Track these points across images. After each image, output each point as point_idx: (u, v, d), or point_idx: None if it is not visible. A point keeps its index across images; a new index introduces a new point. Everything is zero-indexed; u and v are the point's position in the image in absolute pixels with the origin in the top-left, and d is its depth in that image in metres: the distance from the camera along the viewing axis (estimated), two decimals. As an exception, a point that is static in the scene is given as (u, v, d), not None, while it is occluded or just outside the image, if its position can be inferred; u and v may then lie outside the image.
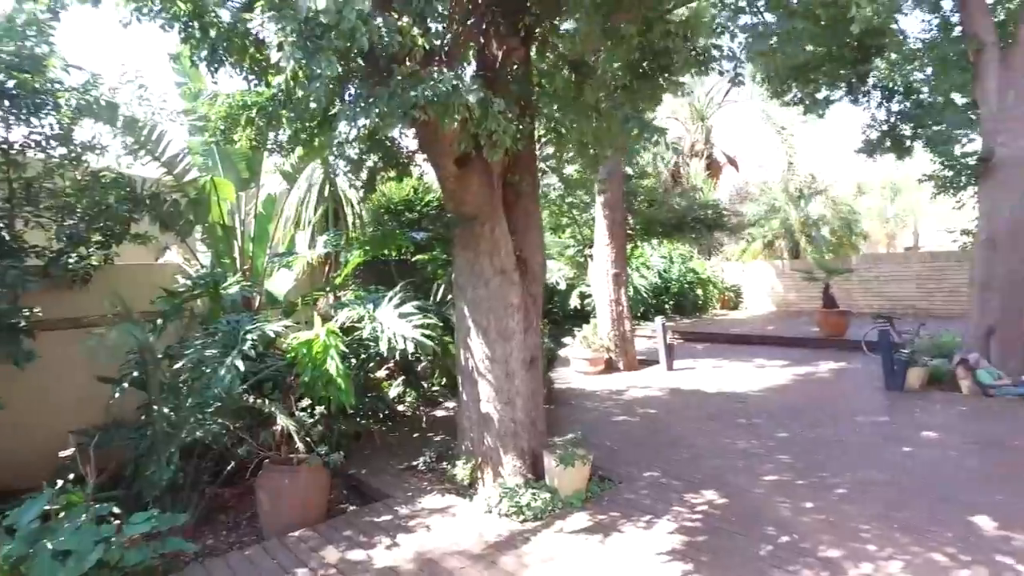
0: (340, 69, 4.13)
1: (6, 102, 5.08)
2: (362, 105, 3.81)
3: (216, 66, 4.15)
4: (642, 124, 4.00)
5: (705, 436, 6.58)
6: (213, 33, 3.94)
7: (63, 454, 4.59)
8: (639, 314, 16.48)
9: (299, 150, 5.88)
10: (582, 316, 13.32)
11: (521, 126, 4.34)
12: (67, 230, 5.47)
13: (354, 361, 6.13)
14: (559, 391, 9.15)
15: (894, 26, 10.87)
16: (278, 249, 7.85)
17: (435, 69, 3.64)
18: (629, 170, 13.41)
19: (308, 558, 4.12)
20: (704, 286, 20.11)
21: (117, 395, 4.92)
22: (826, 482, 5.06)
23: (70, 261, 5.52)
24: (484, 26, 4.77)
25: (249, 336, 4.67)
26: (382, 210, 9.22)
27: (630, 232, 13.64)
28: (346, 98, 4.62)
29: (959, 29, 9.76)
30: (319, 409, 5.17)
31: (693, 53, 4.57)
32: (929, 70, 11.07)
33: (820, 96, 11.71)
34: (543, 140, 5.87)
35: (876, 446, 6.02)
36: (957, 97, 11.16)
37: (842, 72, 11.15)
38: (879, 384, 8.62)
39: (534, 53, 5.15)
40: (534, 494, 4.73)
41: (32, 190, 5.43)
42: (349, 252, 6.28)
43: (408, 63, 3.84)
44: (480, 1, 4.58)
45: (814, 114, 11.82)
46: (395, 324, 4.83)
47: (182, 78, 6.62)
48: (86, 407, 5.20)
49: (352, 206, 9.43)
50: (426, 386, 8.42)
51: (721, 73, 5.35)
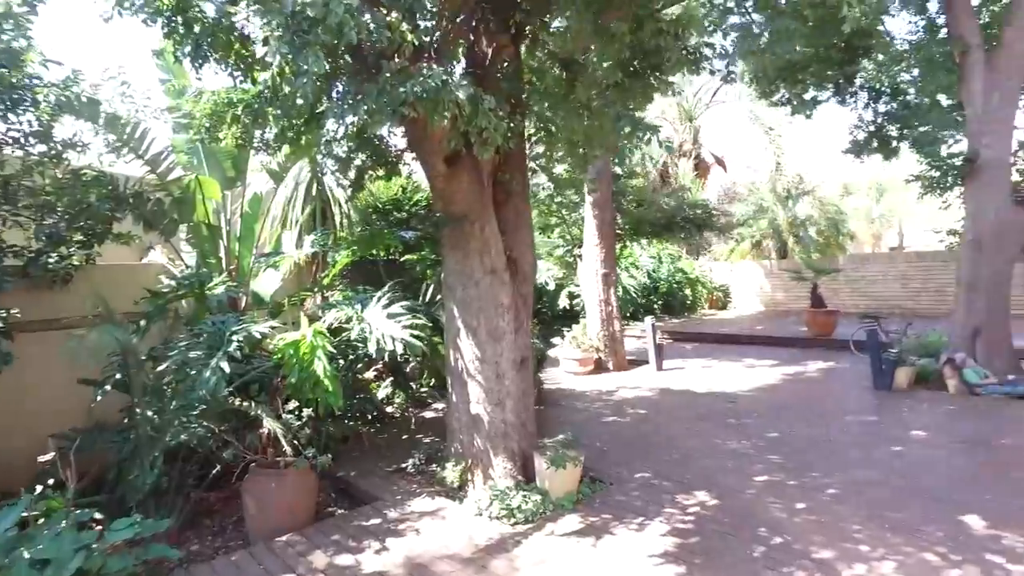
0: (327, 66, 4.07)
1: (-19, 97, 4.96)
2: (350, 102, 3.75)
3: (200, 62, 4.05)
4: (635, 122, 3.97)
5: (695, 436, 6.57)
6: (197, 28, 3.86)
7: (42, 459, 4.48)
8: (628, 314, 16.49)
9: (286, 148, 5.82)
10: (571, 316, 13.29)
11: (512, 124, 4.29)
12: (47, 229, 5.35)
13: (342, 362, 6.06)
14: (549, 391, 9.13)
15: (881, 27, 10.97)
16: (265, 249, 7.75)
17: (424, 66, 3.58)
18: (618, 170, 13.40)
19: (296, 563, 4.06)
20: (693, 286, 20.19)
21: (99, 398, 4.82)
22: (817, 482, 5.05)
23: (50, 261, 5.41)
24: (474, 23, 4.72)
25: (235, 337, 4.59)
26: (370, 210, 9.13)
27: (619, 232, 13.64)
28: (334, 95, 4.56)
29: (945, 31, 9.83)
30: (306, 411, 5.10)
31: (684, 52, 4.54)
32: (915, 71, 11.14)
33: (808, 96, 11.74)
34: (533, 139, 5.82)
35: (866, 446, 6.03)
36: (943, 98, 11.23)
37: (829, 73, 11.19)
38: (867, 384, 8.66)
39: (524, 51, 5.10)
40: (525, 496, 4.68)
41: (10, 188, 5.29)
42: (337, 252, 6.19)
43: (397, 60, 3.78)
44: (470, -3, 4.53)
45: (802, 114, 11.84)
46: (383, 325, 4.76)
47: (166, 75, 6.50)
48: (67, 410, 5.10)
49: (340, 205, 9.32)
50: (415, 387, 8.35)
51: (712, 72, 5.33)
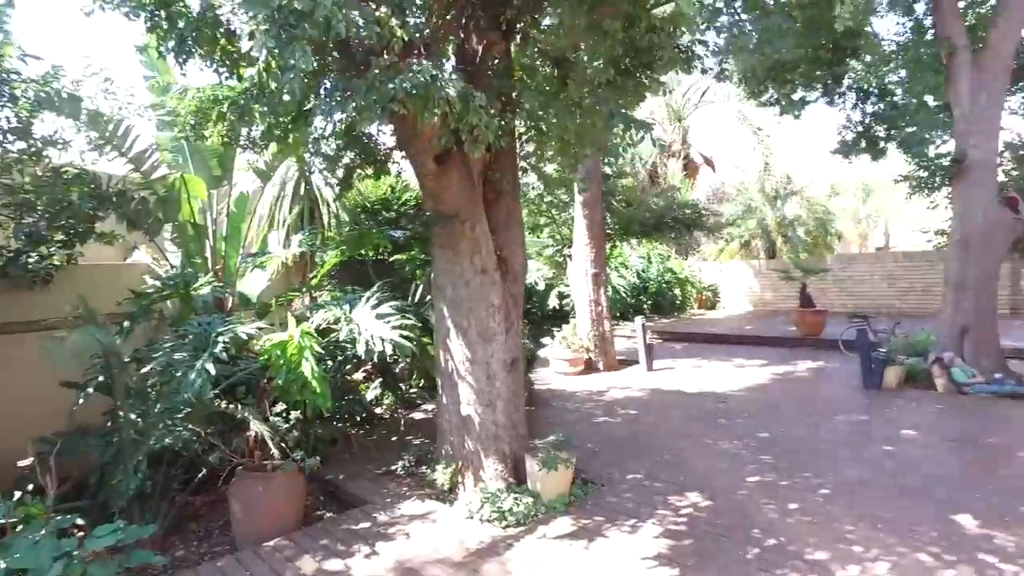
0: (315, 62, 4.01)
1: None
2: (338, 99, 3.68)
3: (184, 57, 3.96)
4: (628, 120, 3.93)
5: (687, 437, 6.54)
6: (181, 23, 3.77)
7: (22, 463, 4.37)
8: (618, 314, 16.48)
9: (273, 147, 5.72)
10: (561, 316, 13.24)
11: (503, 122, 4.23)
12: (26, 228, 5.22)
13: (330, 363, 5.98)
14: (539, 392, 9.09)
15: (868, 28, 11.03)
16: (251, 249, 7.65)
17: (414, 62, 3.51)
18: (608, 169, 13.39)
19: (283, 568, 3.98)
20: (682, 286, 20.24)
21: (81, 401, 4.71)
22: (810, 482, 5.04)
23: (30, 261, 5.28)
24: (464, 20, 4.66)
25: (221, 338, 4.50)
26: (359, 209, 9.04)
27: (609, 232, 13.62)
28: (321, 92, 4.49)
29: (932, 32, 9.90)
30: (294, 413, 5.02)
31: (676, 50, 4.50)
32: (903, 72, 11.22)
33: (796, 97, 11.78)
34: (524, 138, 5.77)
35: (857, 445, 6.03)
36: (930, 99, 11.32)
37: (818, 73, 11.23)
38: (857, 383, 8.69)
39: (515, 48, 5.05)
40: (516, 499, 4.63)
41: (-11, 186, 5.19)
42: (325, 252, 6.11)
43: (386, 56, 3.71)
44: (460, -7, 4.47)
45: (790, 114, 11.88)
46: (372, 325, 4.70)
47: (150, 71, 6.38)
48: (48, 413, 4.96)
49: (328, 205, 9.22)
50: (404, 388, 8.27)
51: (704, 71, 5.30)
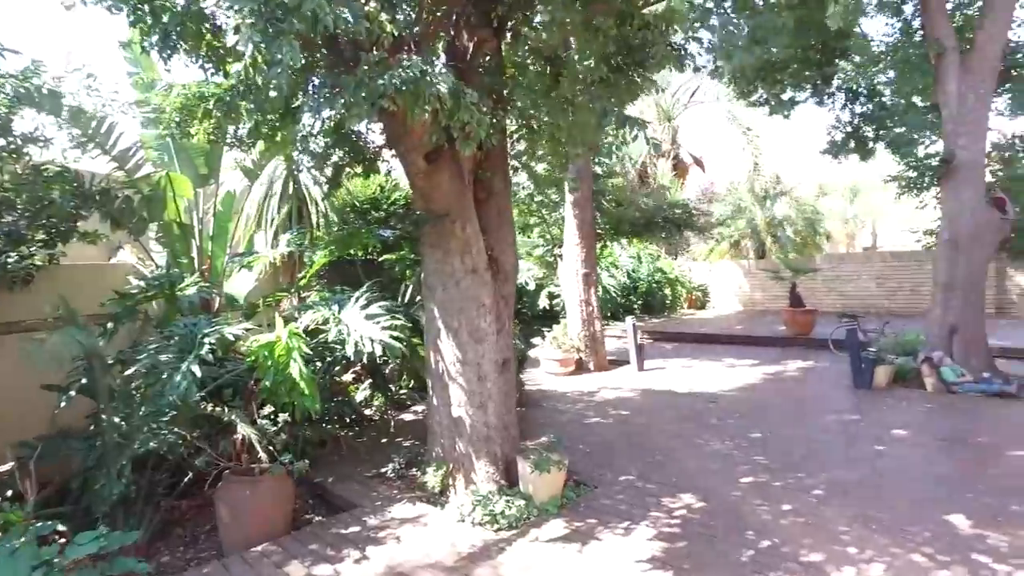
0: (303, 58, 3.93)
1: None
2: (326, 95, 3.61)
3: (169, 53, 3.86)
4: (622, 118, 3.89)
5: (679, 437, 6.51)
6: (166, 17, 3.68)
7: (0, 469, 4.26)
8: (608, 314, 16.46)
9: (260, 145, 5.63)
10: (551, 316, 13.23)
11: (495, 119, 4.17)
12: (5, 227, 5.10)
13: (319, 364, 5.89)
14: (530, 392, 9.04)
15: (857, 29, 11.07)
16: (239, 249, 7.54)
17: (404, 58, 3.45)
18: (598, 169, 13.36)
19: (271, 574, 3.90)
20: (672, 286, 20.27)
21: (63, 404, 4.60)
22: (802, 483, 5.02)
23: (9, 261, 5.17)
24: (454, 16, 4.60)
25: (207, 340, 4.42)
26: (348, 208, 8.95)
27: (599, 232, 13.59)
28: (310, 89, 4.41)
29: (920, 33, 9.95)
30: (282, 416, 4.93)
31: (669, 48, 4.46)
32: (891, 73, 11.27)
33: (785, 97, 11.83)
34: (515, 136, 5.72)
35: (849, 445, 6.03)
36: (918, 100, 11.39)
37: (807, 74, 11.28)
38: (847, 382, 8.71)
39: (506, 46, 4.99)
40: (508, 501, 4.57)
41: (-35, 185, 5.07)
42: (313, 252, 6.03)
43: (375, 52, 3.64)
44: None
45: (780, 114, 11.94)
46: (362, 326, 4.63)
47: (134, 67, 6.27)
48: (29, 417, 4.85)
49: (316, 204, 9.13)
50: (394, 389, 8.19)
51: (696, 69, 5.26)
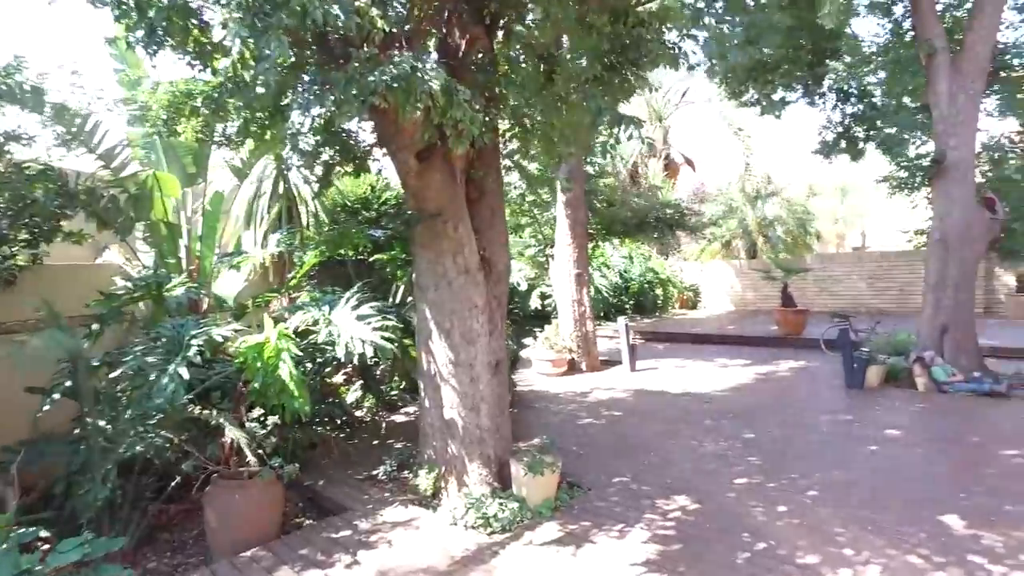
0: (293, 55, 3.86)
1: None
2: (316, 92, 3.54)
3: (155, 49, 3.76)
4: (617, 116, 3.85)
5: (672, 438, 6.48)
6: (151, 12, 3.60)
7: (-19, 474, 4.16)
8: (600, 314, 16.44)
9: (249, 143, 5.55)
10: (543, 317, 13.18)
11: (487, 117, 4.12)
12: (-14, 227, 5.01)
13: (309, 366, 5.80)
14: (522, 393, 8.99)
15: (848, 30, 11.11)
16: (228, 249, 7.44)
17: (395, 54, 3.39)
18: (590, 169, 13.33)
19: (260, 580, 3.83)
20: (664, 286, 20.28)
21: (47, 407, 4.50)
22: (797, 484, 5.00)
23: (-9, 261, 5.07)
24: (446, 13, 4.54)
25: (194, 341, 4.32)
26: (338, 208, 8.87)
27: (591, 232, 13.55)
28: (299, 87, 4.33)
29: (911, 34, 9.98)
30: (272, 418, 4.85)
31: (663, 46, 4.42)
32: (882, 73, 11.32)
33: (777, 97, 11.85)
34: (507, 135, 5.66)
35: (843, 445, 6.02)
36: (908, 101, 11.43)
37: (799, 74, 11.31)
38: (839, 382, 8.72)
39: (499, 44, 4.93)
40: (501, 504, 4.52)
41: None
42: (304, 252, 5.95)
43: (366, 48, 3.58)
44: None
45: (771, 114, 11.96)
46: (352, 327, 4.55)
47: (120, 64, 6.16)
48: (11, 420, 4.74)
49: (307, 204, 9.03)
50: (385, 390, 8.12)
51: (691, 68, 5.23)
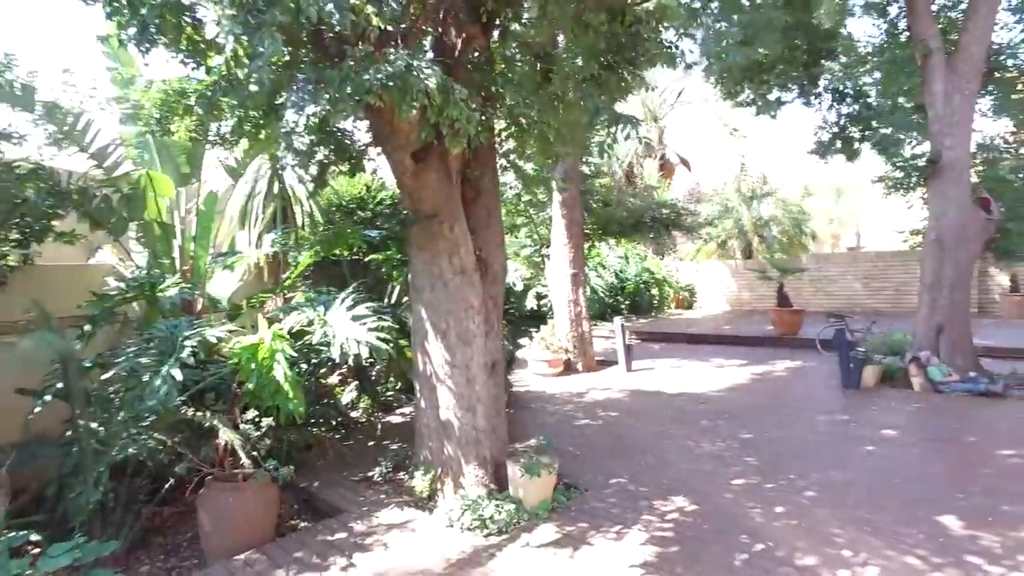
0: (287, 53, 3.82)
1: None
2: (311, 90, 3.51)
3: (147, 46, 3.71)
4: (614, 116, 3.83)
5: (669, 439, 6.47)
6: (144, 9, 3.55)
7: (-28, 477, 4.11)
8: (596, 314, 16.43)
9: (244, 143, 5.51)
10: (539, 317, 13.16)
11: (484, 116, 4.09)
12: (-24, 227, 4.96)
13: (304, 367, 5.76)
14: (518, 394, 8.96)
15: (844, 30, 11.13)
16: (222, 249, 7.39)
17: (391, 51, 3.36)
18: (585, 169, 13.32)
19: (254, 584, 3.80)
20: (660, 286, 20.28)
21: (38, 409, 4.45)
22: (794, 484, 4.99)
23: (-19, 262, 5.01)
24: (442, 12, 4.50)
25: (188, 342, 4.28)
26: (333, 208, 8.82)
27: (587, 232, 13.55)
28: (294, 86, 4.30)
29: (906, 34, 9.99)
30: (266, 420, 4.81)
31: (660, 43, 4.40)
32: (878, 74, 11.33)
33: (772, 97, 11.84)
34: (504, 135, 5.64)
35: (839, 446, 6.01)
36: (904, 101, 11.44)
37: (794, 74, 11.30)
38: (835, 382, 8.72)
39: (495, 42, 4.90)
40: (498, 506, 4.49)
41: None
42: (299, 252, 5.91)
43: (361, 46, 3.55)
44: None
45: (767, 115, 11.96)
46: (348, 327, 4.52)
47: (113, 63, 6.10)
48: (2, 422, 4.69)
49: (302, 204, 8.98)
50: (381, 390, 8.08)
51: (688, 66, 5.21)
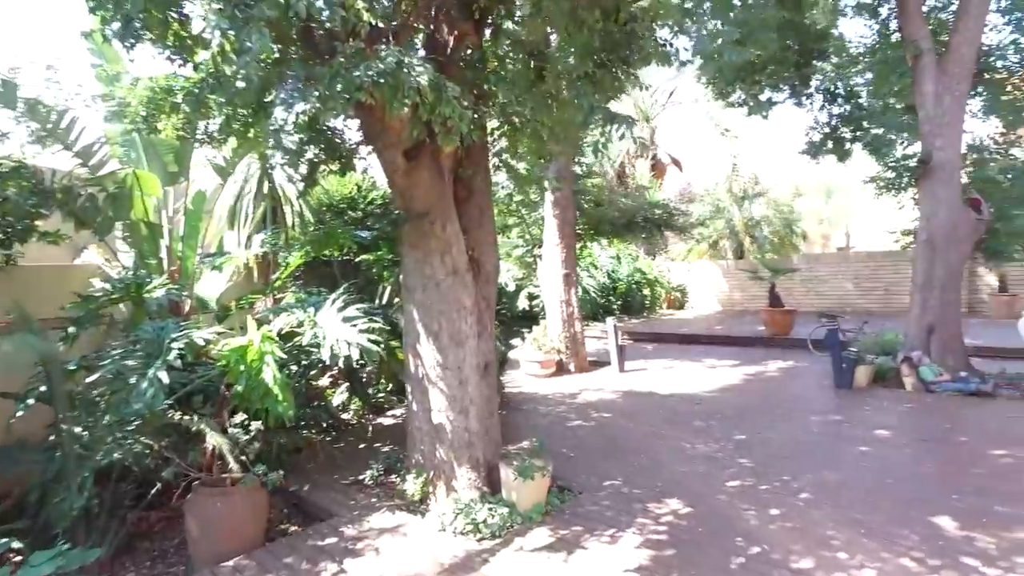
0: (276, 50, 3.75)
1: None
2: (300, 88, 3.44)
3: (132, 42, 3.64)
4: (609, 114, 3.78)
5: (663, 440, 6.43)
6: (128, 4, 3.47)
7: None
8: (588, 315, 16.40)
9: (232, 141, 5.42)
10: (531, 317, 13.12)
11: (476, 114, 4.03)
12: (-43, 227, 4.84)
13: (294, 369, 5.68)
14: (510, 395, 8.91)
15: (835, 31, 11.15)
16: (211, 249, 7.29)
17: (381, 49, 3.29)
18: (578, 169, 13.28)
19: (242, 591, 3.72)
20: (651, 286, 20.27)
21: (20, 412, 4.34)
22: (789, 486, 4.96)
23: (-39, 262, 4.90)
24: (434, 8, 4.44)
25: (175, 345, 4.20)
26: (324, 208, 8.74)
27: (579, 232, 13.50)
28: (283, 83, 4.22)
29: (897, 35, 10.02)
30: (255, 423, 4.73)
31: (655, 41, 4.36)
32: (869, 74, 11.36)
33: (764, 98, 11.86)
34: (496, 133, 5.58)
35: (833, 446, 6.00)
36: (894, 102, 11.49)
37: (786, 75, 11.32)
38: (828, 382, 8.72)
39: (488, 39, 4.85)
40: (491, 509, 4.43)
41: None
42: (288, 253, 5.82)
43: (351, 42, 3.48)
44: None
45: (758, 115, 11.97)
46: (338, 329, 4.45)
47: (97, 59, 5.99)
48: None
49: (292, 204, 8.89)
50: (372, 392, 8.00)
51: (683, 64, 5.17)
